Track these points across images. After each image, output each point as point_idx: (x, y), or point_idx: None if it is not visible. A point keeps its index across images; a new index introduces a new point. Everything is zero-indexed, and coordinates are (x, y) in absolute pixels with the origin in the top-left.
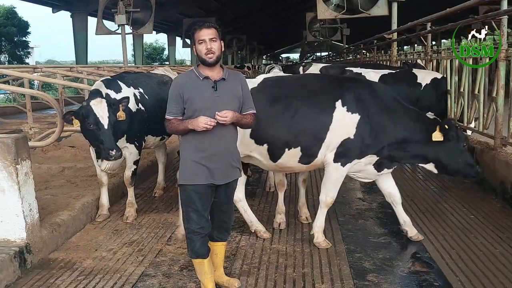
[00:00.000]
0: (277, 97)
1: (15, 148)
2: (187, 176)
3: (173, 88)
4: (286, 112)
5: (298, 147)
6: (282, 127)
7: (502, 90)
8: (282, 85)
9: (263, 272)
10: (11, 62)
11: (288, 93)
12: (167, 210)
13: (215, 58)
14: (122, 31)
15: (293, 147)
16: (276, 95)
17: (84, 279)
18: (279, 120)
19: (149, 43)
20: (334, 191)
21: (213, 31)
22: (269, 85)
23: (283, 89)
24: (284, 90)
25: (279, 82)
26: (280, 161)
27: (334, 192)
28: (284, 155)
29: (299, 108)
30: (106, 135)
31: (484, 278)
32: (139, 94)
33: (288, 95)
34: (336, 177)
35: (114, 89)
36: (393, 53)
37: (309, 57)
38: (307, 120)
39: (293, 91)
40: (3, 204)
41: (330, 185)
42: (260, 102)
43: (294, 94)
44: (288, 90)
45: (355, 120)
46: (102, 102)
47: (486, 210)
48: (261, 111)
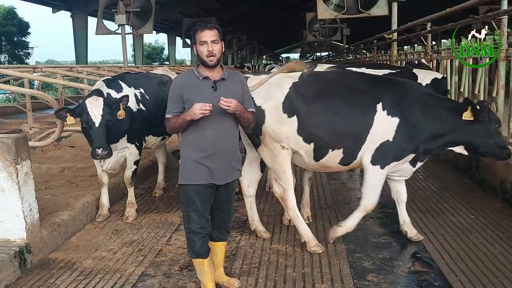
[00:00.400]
0: (321, 95)
1: (15, 148)
2: (187, 176)
3: (173, 88)
4: (330, 112)
5: (341, 148)
6: (328, 127)
7: (502, 90)
8: (324, 82)
9: (263, 272)
10: (11, 62)
11: (331, 92)
12: (167, 210)
13: (216, 61)
14: (122, 31)
15: (336, 148)
16: (319, 93)
17: (84, 279)
18: (325, 120)
19: (148, 43)
20: (376, 196)
21: (215, 32)
22: (310, 81)
23: (325, 87)
24: (327, 88)
25: (320, 79)
26: (322, 161)
27: (376, 198)
28: (327, 155)
29: (342, 108)
30: (96, 133)
31: (484, 278)
32: (139, 94)
33: (331, 94)
34: (375, 180)
35: (115, 88)
36: (393, 53)
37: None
38: (350, 122)
39: (336, 90)
40: (3, 204)
41: (372, 191)
42: (303, 98)
43: (337, 93)
44: (330, 88)
45: (395, 124)
46: (98, 100)
47: (486, 210)
48: (306, 108)
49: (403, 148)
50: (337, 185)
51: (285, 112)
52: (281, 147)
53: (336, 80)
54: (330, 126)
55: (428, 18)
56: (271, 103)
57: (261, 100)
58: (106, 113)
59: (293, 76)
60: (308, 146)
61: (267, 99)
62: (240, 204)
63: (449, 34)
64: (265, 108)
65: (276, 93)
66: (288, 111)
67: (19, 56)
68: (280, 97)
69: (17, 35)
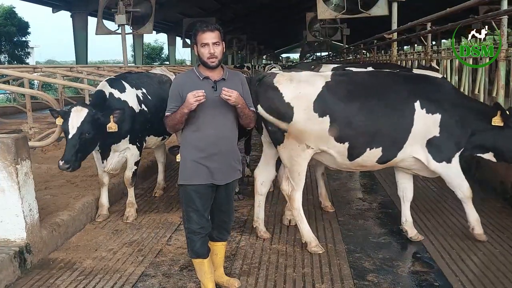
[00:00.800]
0: (355, 95)
1: (15, 148)
2: (187, 176)
3: (173, 87)
4: (368, 112)
5: (380, 147)
6: (365, 126)
7: (502, 90)
8: (356, 81)
9: (263, 272)
10: (11, 62)
11: (365, 92)
12: (167, 210)
13: (217, 63)
14: (122, 31)
15: (375, 147)
16: (354, 92)
17: (84, 279)
18: (362, 120)
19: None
20: (463, 182)
21: (216, 34)
22: (343, 80)
23: (358, 86)
24: (361, 88)
25: (353, 78)
26: (358, 160)
27: (464, 183)
28: (364, 154)
29: (379, 108)
30: (67, 144)
31: (484, 278)
32: (141, 95)
33: (366, 93)
34: (454, 173)
35: (119, 88)
36: (393, 53)
37: (309, 57)
38: (388, 121)
39: (370, 89)
40: (3, 204)
41: (455, 182)
42: (337, 98)
43: (372, 92)
44: (364, 88)
45: (437, 120)
46: (82, 112)
47: (486, 210)
48: (341, 108)
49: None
50: (337, 185)
51: (316, 112)
52: (306, 147)
53: (368, 80)
54: (368, 126)
55: (428, 18)
56: (301, 101)
57: (290, 97)
58: (85, 126)
59: (325, 74)
60: (341, 145)
61: (298, 96)
62: (240, 204)
63: (449, 34)
64: (294, 105)
65: (307, 91)
66: (320, 110)
67: (19, 56)
68: (312, 96)
69: (17, 35)
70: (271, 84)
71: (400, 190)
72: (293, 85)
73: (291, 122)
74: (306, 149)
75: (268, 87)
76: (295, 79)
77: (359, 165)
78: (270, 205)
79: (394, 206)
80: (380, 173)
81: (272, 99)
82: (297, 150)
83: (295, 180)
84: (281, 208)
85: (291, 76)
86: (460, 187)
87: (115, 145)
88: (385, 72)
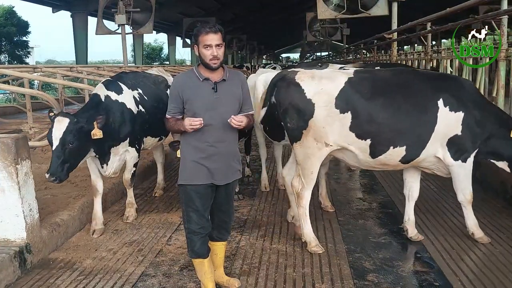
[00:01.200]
0: (378, 92)
1: (15, 148)
2: (187, 176)
3: (173, 88)
4: (391, 109)
5: (404, 146)
6: (389, 124)
7: (502, 90)
8: (379, 79)
9: (263, 272)
10: (11, 62)
11: (388, 89)
12: (167, 210)
13: (219, 64)
14: (122, 31)
15: (398, 145)
16: (376, 89)
17: (84, 279)
18: (385, 117)
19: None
20: (469, 186)
21: (219, 36)
22: (366, 77)
23: (381, 84)
24: (383, 85)
25: (375, 76)
26: (381, 158)
27: (469, 188)
28: (387, 152)
29: (403, 106)
30: (53, 156)
31: (484, 278)
32: (138, 96)
33: (389, 90)
34: (464, 174)
35: (115, 90)
36: (393, 53)
37: (309, 57)
38: (412, 119)
39: (392, 87)
40: (3, 204)
41: (463, 184)
42: (359, 95)
43: (395, 90)
44: (386, 85)
45: (459, 118)
46: (63, 122)
47: (487, 210)
48: (363, 105)
49: (473, 136)
50: (337, 185)
51: (337, 108)
52: (324, 145)
53: (391, 77)
54: (391, 123)
55: (428, 18)
56: (322, 97)
57: (312, 93)
58: (67, 136)
59: (347, 71)
60: (363, 142)
61: (319, 92)
62: (240, 204)
63: (449, 34)
64: (316, 101)
65: (329, 87)
66: (341, 107)
67: (19, 56)
68: (334, 92)
69: (17, 35)
70: (292, 81)
71: (406, 188)
72: (315, 82)
73: (312, 119)
74: (324, 147)
75: (290, 83)
76: (317, 76)
77: (381, 163)
78: (270, 205)
79: (394, 206)
80: (380, 173)
81: (294, 96)
82: (313, 149)
83: (306, 178)
84: (281, 208)
85: (313, 73)
86: (464, 190)
87: (115, 148)
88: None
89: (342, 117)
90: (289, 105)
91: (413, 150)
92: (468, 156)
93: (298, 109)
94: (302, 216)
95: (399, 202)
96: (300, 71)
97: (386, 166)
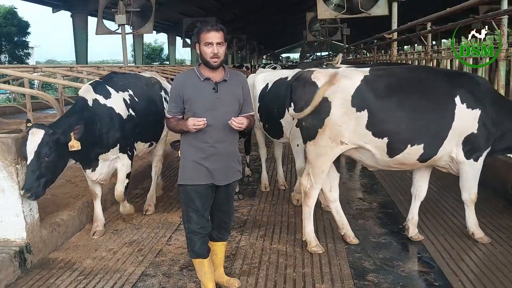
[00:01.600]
0: (394, 90)
1: (15, 148)
2: (187, 176)
3: (173, 87)
4: (408, 107)
5: (421, 144)
6: (406, 122)
7: (502, 90)
8: (395, 77)
9: (263, 272)
10: (11, 62)
11: (405, 87)
12: (167, 210)
13: (219, 63)
14: (122, 31)
15: (416, 144)
16: (393, 87)
17: (84, 279)
18: (402, 115)
19: (147, 43)
20: (475, 187)
21: (221, 34)
22: (382, 75)
23: (398, 82)
24: (400, 83)
25: (391, 73)
26: (399, 157)
27: (475, 187)
28: (405, 151)
29: (420, 103)
30: (27, 171)
31: (484, 278)
32: (129, 98)
33: (405, 89)
34: (473, 173)
35: (103, 94)
36: (393, 53)
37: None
38: (430, 117)
39: (409, 85)
40: (3, 204)
41: (470, 183)
42: (376, 93)
43: (412, 88)
44: (403, 83)
45: (476, 115)
46: (38, 134)
47: (487, 210)
48: (380, 103)
49: (488, 135)
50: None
51: (353, 106)
52: (340, 143)
53: (407, 75)
54: (409, 121)
55: (428, 18)
56: (339, 96)
57: (328, 92)
58: (42, 149)
59: (363, 70)
60: (380, 141)
61: (336, 91)
62: (240, 204)
63: (449, 34)
64: (332, 100)
65: (346, 85)
66: (358, 105)
67: (19, 56)
68: (350, 90)
69: (17, 35)
70: (309, 80)
71: (414, 187)
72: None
73: (328, 117)
74: (338, 145)
75: (306, 82)
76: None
77: (399, 162)
78: (270, 205)
79: (394, 206)
80: (380, 173)
81: (310, 94)
82: (327, 147)
83: (316, 177)
84: (281, 208)
85: (329, 71)
86: (470, 189)
87: (104, 155)
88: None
89: (358, 116)
90: (305, 104)
91: (431, 148)
92: (480, 155)
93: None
94: (306, 215)
95: (399, 202)
96: (316, 70)
97: (404, 165)
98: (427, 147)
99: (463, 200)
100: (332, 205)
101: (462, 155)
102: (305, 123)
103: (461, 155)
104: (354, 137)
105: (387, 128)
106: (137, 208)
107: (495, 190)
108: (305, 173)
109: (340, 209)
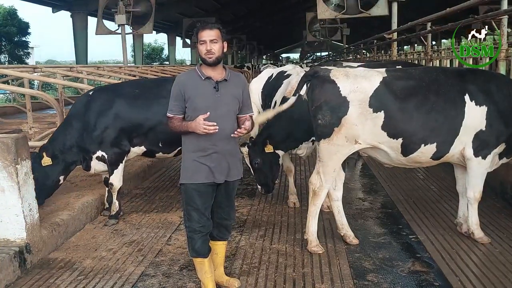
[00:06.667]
0: (409, 90)
1: (15, 148)
2: (188, 174)
3: (175, 86)
4: (421, 107)
5: (434, 143)
6: (419, 122)
7: None
8: (411, 78)
9: (263, 272)
10: (11, 62)
11: (420, 88)
12: (167, 210)
13: (214, 59)
14: (122, 31)
15: (429, 143)
16: (407, 88)
17: (84, 279)
18: (416, 115)
19: (148, 43)
20: (481, 185)
21: (215, 32)
22: (399, 76)
23: (414, 83)
24: (416, 84)
25: (407, 75)
26: (413, 156)
27: (481, 186)
28: (419, 150)
29: (433, 103)
30: None
31: (484, 278)
32: None
33: (419, 89)
34: (480, 171)
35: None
36: (393, 53)
37: (309, 57)
38: (443, 116)
39: (424, 85)
40: (3, 204)
41: (476, 181)
42: (393, 95)
43: (427, 88)
44: (419, 84)
45: (484, 112)
46: None
47: (486, 210)
48: (397, 104)
49: (497, 133)
50: None
51: (371, 107)
52: (354, 142)
53: (421, 76)
54: (424, 122)
55: (428, 18)
56: (357, 96)
57: (347, 91)
58: None
59: (380, 70)
60: (394, 141)
61: (355, 91)
62: (240, 204)
63: (449, 34)
64: (350, 99)
65: (365, 86)
66: (375, 106)
67: (19, 56)
68: (369, 91)
69: (17, 35)
70: (328, 78)
71: (459, 185)
72: (350, 80)
73: (345, 116)
74: (352, 145)
75: (325, 80)
76: (352, 74)
77: (414, 161)
78: (270, 205)
79: (394, 206)
80: (380, 173)
81: (328, 93)
82: (341, 146)
83: (327, 175)
84: (281, 208)
85: (347, 71)
86: (475, 187)
87: None
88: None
89: (374, 116)
90: (323, 102)
91: (443, 146)
92: (488, 153)
93: (332, 106)
94: (312, 214)
95: (399, 202)
96: (334, 69)
97: (418, 163)
98: (439, 145)
99: (467, 197)
100: (335, 204)
101: (470, 153)
102: (322, 121)
103: (469, 152)
104: (369, 137)
105: (403, 129)
106: (137, 208)
107: (494, 190)
108: (315, 172)
109: (342, 209)
